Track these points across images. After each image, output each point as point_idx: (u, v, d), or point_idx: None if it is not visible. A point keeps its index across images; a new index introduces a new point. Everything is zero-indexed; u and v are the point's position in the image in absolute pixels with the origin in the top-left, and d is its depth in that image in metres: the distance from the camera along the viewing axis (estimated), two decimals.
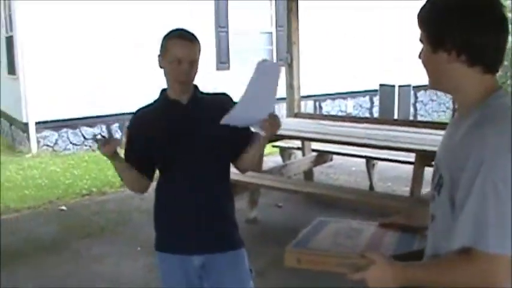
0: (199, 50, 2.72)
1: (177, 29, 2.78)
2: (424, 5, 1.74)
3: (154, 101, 2.88)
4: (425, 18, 1.73)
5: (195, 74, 2.73)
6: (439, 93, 15.84)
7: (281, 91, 2.72)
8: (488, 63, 1.68)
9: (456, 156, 1.65)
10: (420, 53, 1.78)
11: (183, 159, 2.72)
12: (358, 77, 13.98)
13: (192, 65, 2.68)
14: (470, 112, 1.69)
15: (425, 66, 1.77)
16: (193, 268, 2.83)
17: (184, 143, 2.72)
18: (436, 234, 1.80)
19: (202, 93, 2.84)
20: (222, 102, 2.71)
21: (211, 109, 2.69)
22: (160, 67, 2.75)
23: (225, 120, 2.46)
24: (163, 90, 2.85)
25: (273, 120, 2.55)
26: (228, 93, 2.88)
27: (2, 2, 12.31)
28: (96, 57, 11.19)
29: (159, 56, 2.75)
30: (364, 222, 2.44)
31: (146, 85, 11.51)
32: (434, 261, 1.73)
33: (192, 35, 2.73)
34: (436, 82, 1.78)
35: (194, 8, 11.90)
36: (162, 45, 2.74)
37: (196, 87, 2.82)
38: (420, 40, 1.76)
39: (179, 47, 2.66)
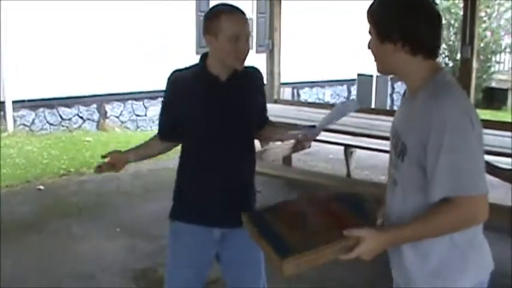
0: (249, 24, 2.68)
1: (224, 4, 2.69)
2: (373, 2, 2.02)
3: (192, 66, 2.81)
4: (374, 13, 2.01)
5: (249, 49, 2.69)
6: None
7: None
8: (428, 51, 1.99)
9: (419, 125, 1.91)
10: (369, 44, 2.05)
11: (213, 133, 2.72)
12: (336, 66, 14.05)
13: (248, 40, 2.66)
14: (420, 89, 1.99)
15: (374, 55, 2.06)
16: (212, 240, 2.85)
17: (217, 118, 2.72)
18: (400, 196, 2.07)
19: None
20: (253, 75, 2.82)
21: (245, 83, 2.75)
22: (209, 46, 2.67)
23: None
24: (204, 58, 2.76)
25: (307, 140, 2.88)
26: None
27: None
28: (75, 37, 11.10)
29: (206, 35, 2.64)
30: (299, 197, 2.55)
31: (124, 67, 11.51)
32: (419, 218, 1.94)
33: (240, 9, 2.66)
34: (384, 68, 2.07)
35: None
36: (210, 24, 2.62)
37: None
38: (369, 32, 2.03)
39: (236, 23, 2.59)
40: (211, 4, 2.74)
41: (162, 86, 2.88)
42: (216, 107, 2.72)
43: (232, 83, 2.72)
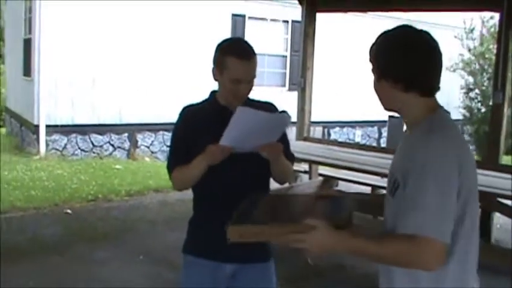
0: (256, 63, 2.68)
1: (235, 42, 2.73)
2: (373, 43, 2.08)
3: (202, 101, 2.85)
4: (371, 53, 2.07)
5: (252, 88, 2.71)
6: None
7: (292, 115, 2.73)
8: (422, 89, 2.02)
9: (407, 162, 1.95)
10: (373, 82, 2.10)
11: (225, 166, 2.62)
12: (367, 107, 14.02)
13: (251, 82, 2.68)
14: (415, 127, 2.03)
15: (375, 92, 2.10)
16: (224, 276, 2.82)
17: None
18: (390, 230, 2.03)
19: (249, 99, 2.77)
20: (268, 110, 2.68)
21: None
22: (215, 79, 2.71)
23: (224, 140, 2.53)
24: (214, 92, 2.81)
25: (272, 146, 2.60)
26: None
27: (23, 4, 12.48)
28: (110, 66, 11.33)
29: (213, 68, 2.69)
30: (298, 194, 2.57)
31: (158, 97, 11.66)
32: (377, 237, 1.95)
33: (250, 48, 2.68)
34: (386, 105, 2.11)
35: (211, 25, 12.04)
36: (218, 59, 2.66)
37: None
38: (372, 71, 2.08)
39: (239, 67, 2.61)
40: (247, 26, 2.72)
41: None
42: None
43: None
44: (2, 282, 4.97)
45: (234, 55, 2.61)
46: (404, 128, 2.17)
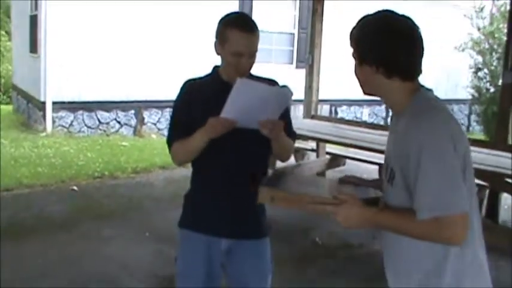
0: (259, 38, 2.65)
1: (237, 15, 2.71)
2: (354, 27, 2.09)
3: (205, 76, 2.83)
4: (353, 37, 2.08)
5: (254, 62, 2.68)
6: (453, 107, 15.83)
7: (299, 93, 2.70)
8: (404, 74, 2.01)
9: (401, 149, 1.95)
10: (354, 67, 2.10)
11: (224, 141, 2.61)
12: None
13: (252, 56, 2.65)
14: (401, 112, 2.04)
15: (356, 76, 2.11)
16: (219, 251, 2.81)
17: None
18: None
19: (252, 76, 2.74)
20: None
21: None
22: (217, 53, 2.69)
23: (224, 113, 2.49)
24: (216, 67, 2.79)
25: (273, 123, 2.55)
26: None
27: None
28: (117, 43, 11.27)
29: (215, 41, 2.67)
30: (321, 177, 2.57)
31: (164, 74, 11.61)
32: (405, 215, 1.95)
33: (252, 22, 2.66)
34: (367, 90, 2.11)
35: (218, 7, 11.95)
36: (220, 32, 2.65)
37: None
38: (352, 55, 2.09)
39: (241, 40, 2.59)
40: (254, 19, 2.67)
41: None
42: None
43: None
44: (10, 260, 4.99)
45: (236, 27, 2.59)
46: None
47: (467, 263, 1.99)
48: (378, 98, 2.11)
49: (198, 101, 2.73)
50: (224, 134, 2.56)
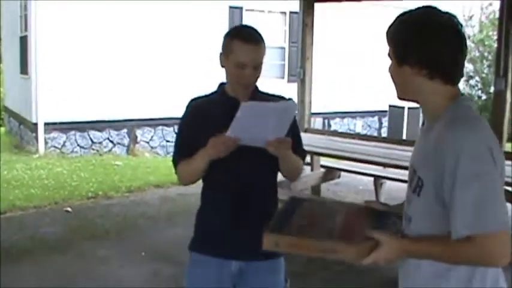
0: (265, 51, 2.62)
1: (243, 27, 2.69)
2: (392, 24, 1.93)
3: (211, 94, 2.78)
4: (392, 36, 1.93)
5: (259, 76, 2.64)
6: None
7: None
8: (447, 76, 1.87)
9: (434, 158, 1.80)
10: (389, 67, 1.96)
11: (233, 160, 2.53)
12: (367, 97, 13.99)
13: (257, 68, 2.60)
14: (437, 118, 1.88)
15: (392, 78, 1.97)
16: (230, 273, 2.74)
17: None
18: (414, 233, 1.93)
19: (261, 92, 2.72)
20: None
21: None
22: (222, 66, 2.65)
23: (231, 131, 2.43)
24: (222, 84, 2.74)
25: (280, 142, 2.49)
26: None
27: (18, 2, 12.39)
28: (108, 62, 11.25)
29: (220, 54, 2.65)
30: (336, 201, 2.46)
31: (156, 92, 11.60)
32: (440, 240, 1.81)
33: (258, 34, 2.63)
34: (402, 93, 1.97)
35: (208, 17, 11.98)
36: (225, 44, 2.63)
37: (256, 86, 2.72)
38: (388, 55, 1.95)
39: (244, 51, 2.56)
40: (245, 19, 2.66)
41: None
42: None
43: None
44: (3, 282, 4.92)
45: (240, 39, 2.58)
46: (421, 121, 2.05)
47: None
48: (372, 109, 2.03)
49: (205, 118, 2.67)
50: (232, 153, 2.50)
